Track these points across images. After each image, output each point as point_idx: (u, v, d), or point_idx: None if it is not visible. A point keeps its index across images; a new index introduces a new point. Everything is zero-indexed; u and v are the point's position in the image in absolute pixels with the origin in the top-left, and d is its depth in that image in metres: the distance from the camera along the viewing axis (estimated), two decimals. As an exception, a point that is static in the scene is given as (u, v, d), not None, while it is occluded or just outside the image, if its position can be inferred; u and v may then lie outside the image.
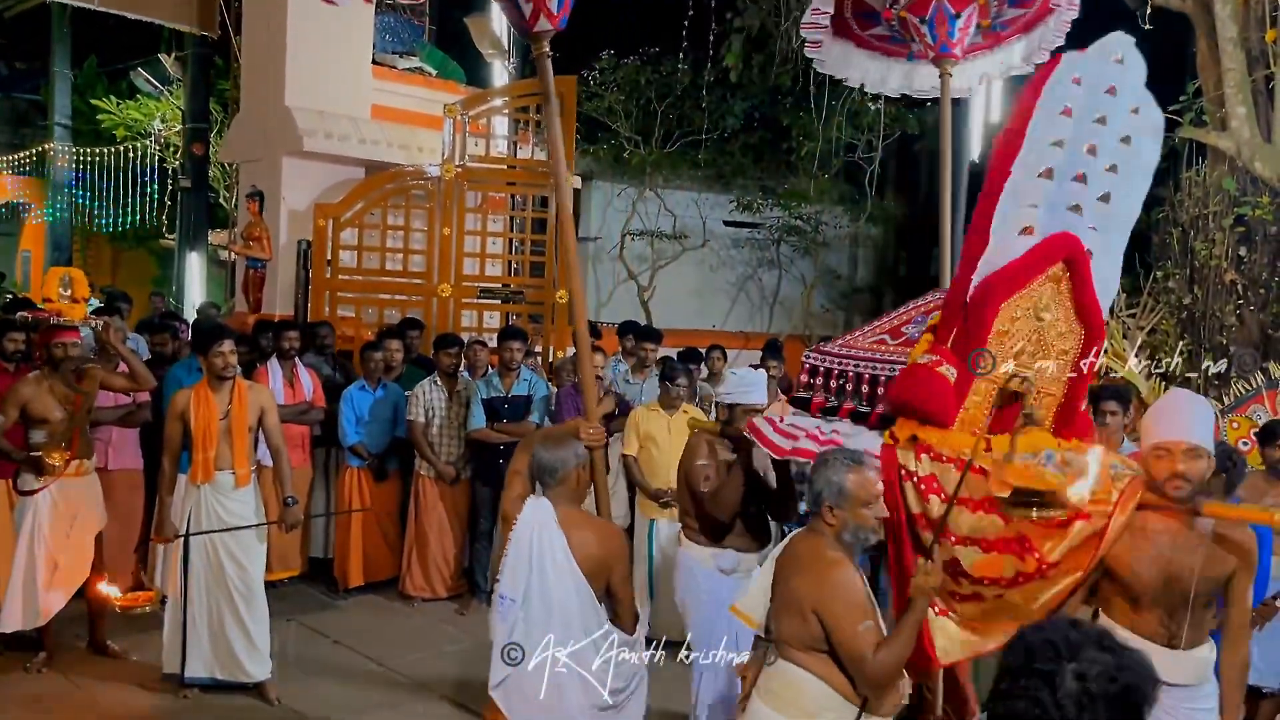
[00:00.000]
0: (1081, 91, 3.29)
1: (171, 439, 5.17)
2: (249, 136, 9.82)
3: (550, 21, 4.04)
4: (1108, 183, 3.37)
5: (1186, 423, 3.04)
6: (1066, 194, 3.34)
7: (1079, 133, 3.30)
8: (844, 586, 2.89)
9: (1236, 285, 8.42)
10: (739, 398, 4.42)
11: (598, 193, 14.96)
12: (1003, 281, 3.30)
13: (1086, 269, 3.35)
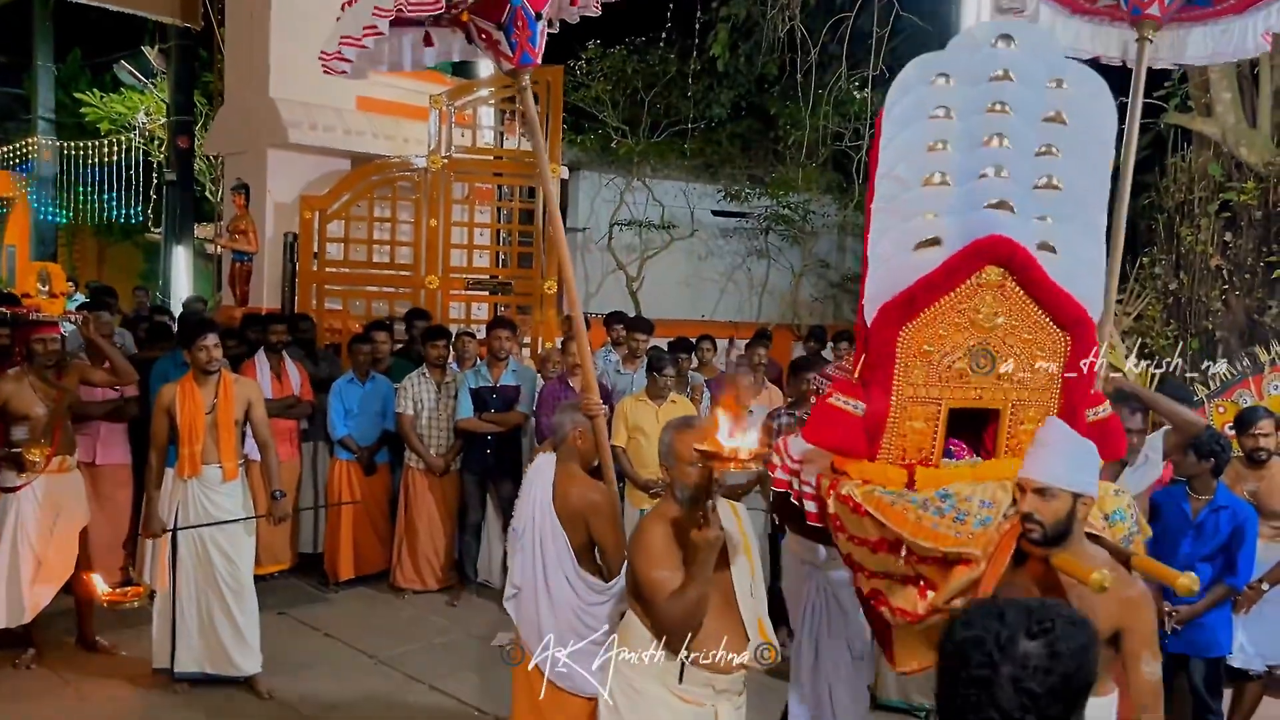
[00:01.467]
0: (955, 87, 3.11)
1: (158, 433, 5.15)
2: (233, 129, 9.76)
3: (532, 56, 3.97)
4: (1045, 167, 3.11)
5: (1044, 459, 2.83)
6: (979, 193, 3.09)
7: (970, 128, 3.10)
8: (645, 536, 3.03)
9: (1222, 270, 8.45)
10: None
11: (585, 183, 14.94)
12: (902, 304, 3.08)
13: (1033, 267, 3.06)
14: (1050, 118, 3.10)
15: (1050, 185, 3.11)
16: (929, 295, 3.07)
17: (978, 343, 3.11)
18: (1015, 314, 3.11)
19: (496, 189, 9.71)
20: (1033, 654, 1.55)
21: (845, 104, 13.67)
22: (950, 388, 3.13)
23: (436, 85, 10.03)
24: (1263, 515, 4.88)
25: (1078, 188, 3.13)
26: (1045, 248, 3.10)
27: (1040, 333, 3.13)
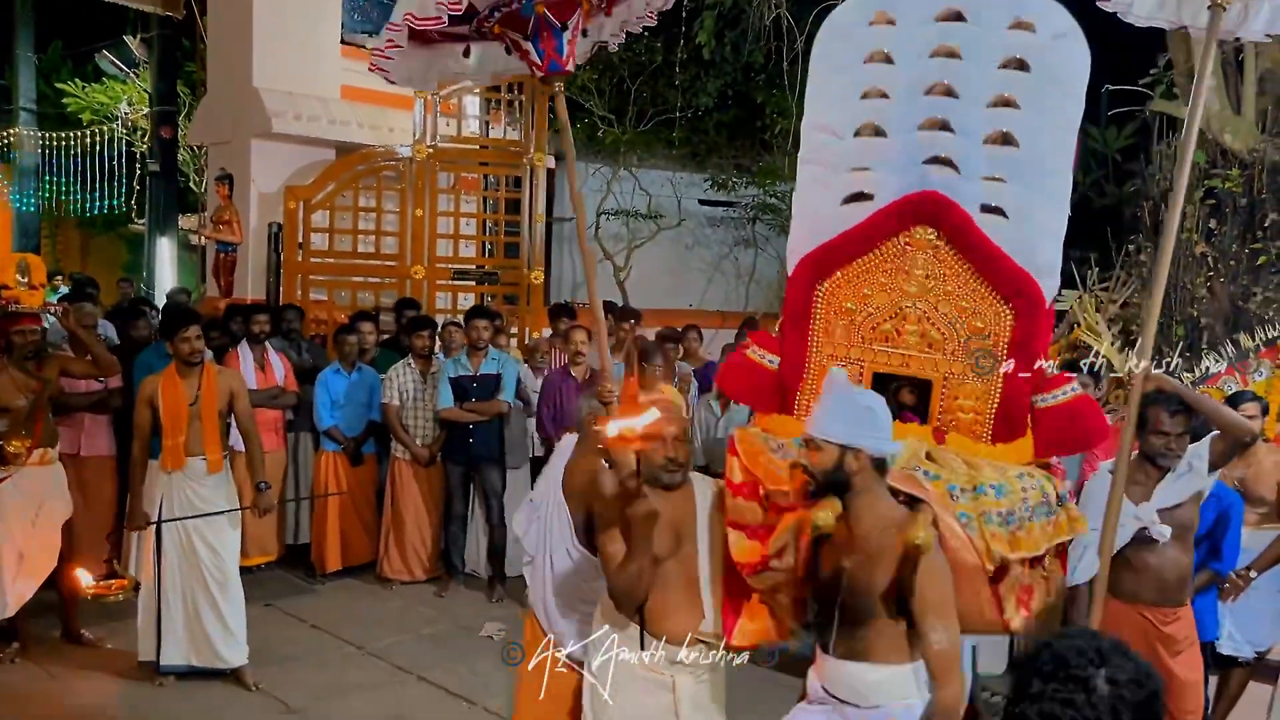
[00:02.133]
0: (898, 31, 2.85)
1: (141, 425, 5.11)
2: (217, 118, 9.69)
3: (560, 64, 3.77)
4: (1000, 120, 2.83)
5: (816, 413, 2.71)
6: (917, 146, 2.87)
7: (916, 75, 2.85)
8: (605, 510, 3.02)
9: (1207, 258, 8.47)
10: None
11: (572, 172, 14.87)
12: (818, 257, 2.94)
13: (969, 231, 2.84)
14: (1008, 63, 2.81)
15: (1005, 141, 2.84)
16: (849, 251, 2.94)
17: (908, 306, 2.93)
18: (950, 280, 2.89)
19: (482, 179, 9.67)
20: (1128, 668, 1.67)
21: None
22: (874, 350, 2.97)
23: (421, 74, 9.97)
24: (1249, 501, 4.89)
25: (1038, 146, 2.83)
26: (993, 211, 2.87)
27: (979, 302, 2.89)
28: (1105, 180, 14.86)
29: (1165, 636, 3.92)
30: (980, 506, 2.72)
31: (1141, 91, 9.29)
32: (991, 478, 2.78)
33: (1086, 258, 9.89)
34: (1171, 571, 3.92)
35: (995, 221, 2.87)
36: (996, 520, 2.71)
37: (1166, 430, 3.81)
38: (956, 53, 2.83)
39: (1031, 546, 2.76)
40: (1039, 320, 2.89)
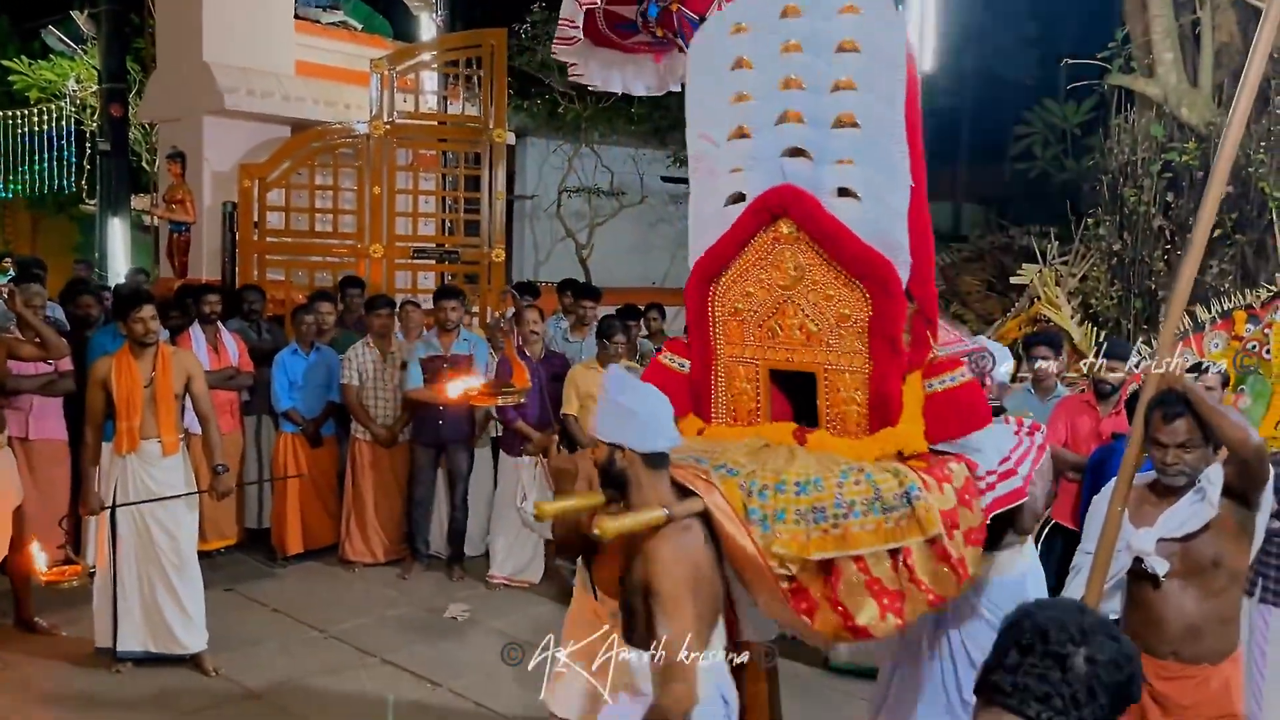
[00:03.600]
0: (753, 36, 2.97)
1: (93, 408, 5.01)
2: (167, 95, 9.49)
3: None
4: (843, 104, 2.86)
5: (596, 411, 2.75)
6: (776, 141, 2.94)
7: (769, 75, 2.94)
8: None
9: (1165, 231, 8.55)
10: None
11: (533, 149, 14.77)
12: (705, 261, 3.03)
13: (817, 217, 2.87)
14: (843, 47, 2.86)
15: (848, 123, 2.87)
16: (728, 252, 3.02)
17: (785, 301, 2.97)
18: (814, 269, 2.92)
19: (441, 155, 9.54)
20: (1109, 649, 1.64)
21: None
22: (765, 348, 3.03)
23: (377, 49, 9.83)
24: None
25: (874, 123, 2.86)
26: (847, 194, 2.89)
27: (841, 288, 2.89)
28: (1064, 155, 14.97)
29: (1158, 694, 3.23)
30: (777, 503, 2.66)
31: (1099, 65, 9.33)
32: (802, 474, 2.72)
33: (1046, 232, 9.96)
34: (1176, 619, 3.21)
35: (849, 204, 2.89)
36: (795, 517, 2.64)
37: (1163, 441, 3.21)
38: (799, 47, 2.92)
39: (852, 545, 2.62)
40: (893, 301, 2.84)
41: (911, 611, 2.68)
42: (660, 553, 2.55)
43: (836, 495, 2.64)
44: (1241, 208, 8.15)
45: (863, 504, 2.63)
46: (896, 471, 2.72)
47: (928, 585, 2.67)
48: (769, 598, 2.72)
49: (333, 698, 4.97)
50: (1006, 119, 16.55)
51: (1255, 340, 7.18)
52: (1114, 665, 1.63)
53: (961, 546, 2.71)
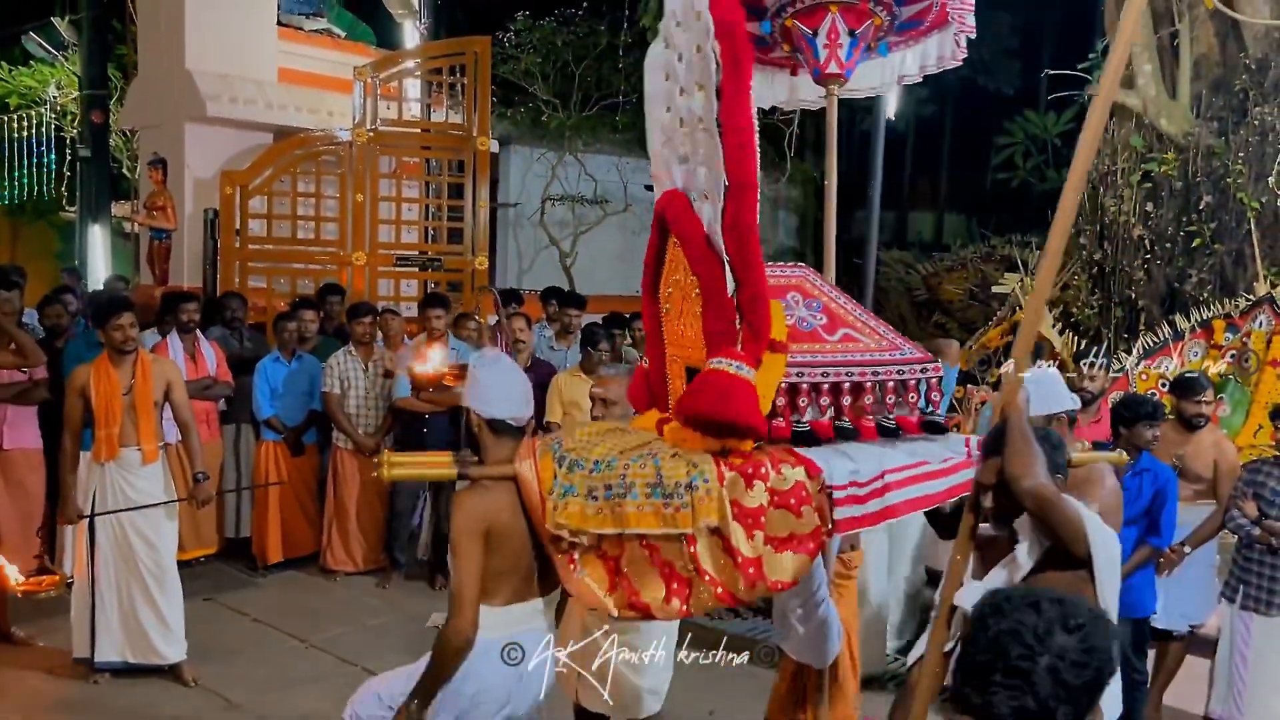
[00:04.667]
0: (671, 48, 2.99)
1: (72, 416, 4.96)
2: (148, 101, 9.44)
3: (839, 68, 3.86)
4: (696, 105, 2.86)
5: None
6: (671, 146, 3.00)
7: (676, 84, 2.97)
8: None
9: (1144, 240, 8.62)
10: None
11: (516, 157, 14.76)
12: (646, 267, 3.18)
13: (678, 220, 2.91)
14: (699, 48, 2.86)
15: (698, 125, 2.87)
16: (649, 256, 3.15)
17: (684, 302, 3.03)
18: (687, 271, 2.95)
19: (424, 163, 9.53)
20: (1070, 648, 1.60)
21: (776, 77, 13.66)
22: (677, 346, 3.11)
23: (361, 57, 9.81)
24: (1185, 478, 4.98)
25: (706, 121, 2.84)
26: (705, 196, 2.87)
27: (695, 290, 2.91)
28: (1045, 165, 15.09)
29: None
30: (574, 478, 2.81)
31: (1080, 76, 9.41)
32: (604, 454, 2.83)
33: (1027, 241, 10.04)
34: None
35: (704, 206, 2.88)
36: (584, 492, 2.78)
37: (981, 481, 2.82)
38: (679, 52, 2.95)
39: (628, 524, 2.71)
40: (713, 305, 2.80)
41: (697, 602, 2.72)
42: (457, 506, 2.92)
43: (622, 476, 2.75)
44: (1220, 217, 8.22)
45: (643, 487, 2.71)
46: (696, 462, 2.72)
47: (713, 577, 2.70)
48: (558, 563, 2.86)
49: (314, 708, 4.92)
50: (988, 130, 16.69)
51: (1234, 349, 7.24)
52: (1077, 666, 1.60)
53: (760, 547, 2.67)
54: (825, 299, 3.12)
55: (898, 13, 3.99)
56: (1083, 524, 2.56)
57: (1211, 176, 8.31)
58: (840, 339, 3.02)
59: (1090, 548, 2.57)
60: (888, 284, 12.91)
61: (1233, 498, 4.72)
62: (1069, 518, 2.58)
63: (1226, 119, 8.39)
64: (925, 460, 2.86)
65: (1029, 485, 2.54)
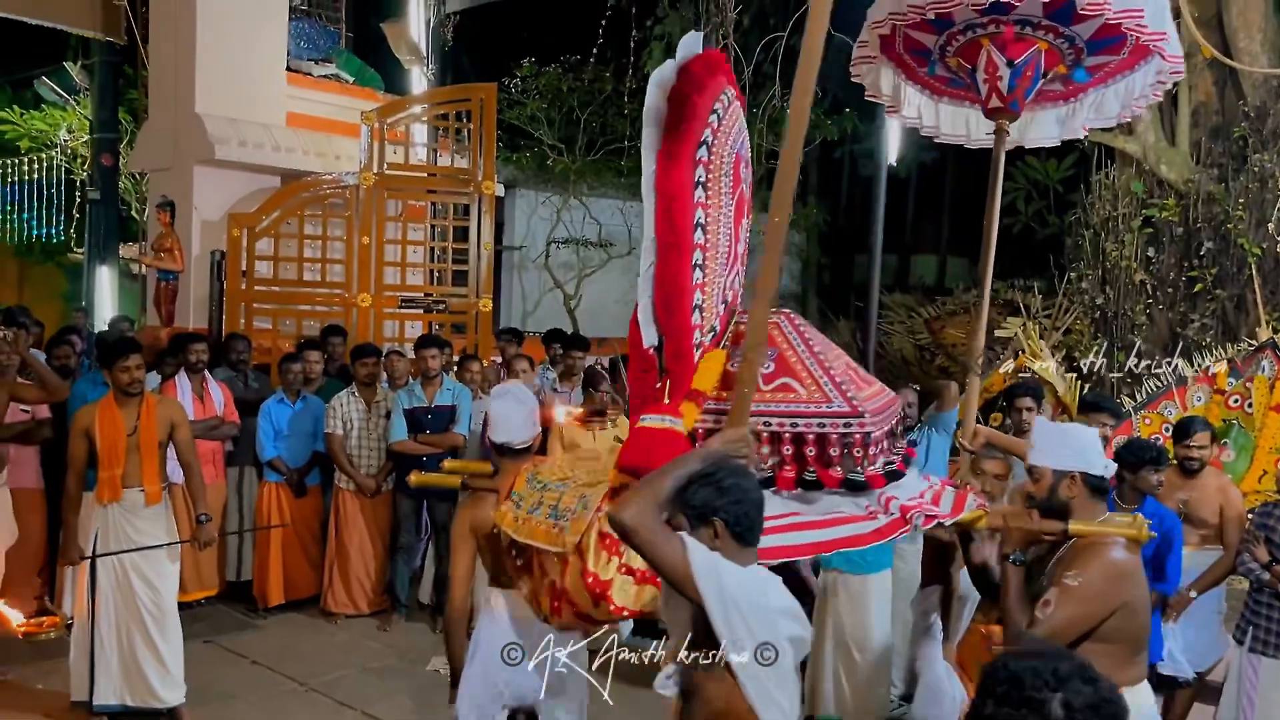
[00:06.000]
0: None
1: (76, 457, 4.96)
2: (158, 145, 9.54)
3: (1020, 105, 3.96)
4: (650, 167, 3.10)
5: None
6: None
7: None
8: None
9: (1146, 285, 8.66)
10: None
11: (521, 201, 14.87)
12: None
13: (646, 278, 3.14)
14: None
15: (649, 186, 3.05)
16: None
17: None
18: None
19: (430, 206, 9.60)
20: (1084, 693, 1.63)
21: (779, 123, 13.80)
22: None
23: (368, 101, 9.92)
24: (1191, 523, 4.97)
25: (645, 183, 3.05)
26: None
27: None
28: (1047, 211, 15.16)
29: None
30: (522, 492, 3.32)
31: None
32: (554, 479, 3.31)
33: (1029, 286, 10.07)
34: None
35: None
36: (522, 505, 3.27)
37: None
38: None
39: (527, 536, 3.17)
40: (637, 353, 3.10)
41: (568, 614, 3.08)
42: (457, 512, 3.67)
43: (541, 496, 3.21)
44: (1221, 263, 8.26)
45: (547, 508, 3.16)
46: (587, 493, 3.09)
47: (571, 596, 3.03)
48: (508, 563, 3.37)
49: (312, 753, 4.89)
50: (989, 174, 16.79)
51: (1237, 394, 7.24)
52: (1091, 709, 1.61)
53: (614, 572, 2.92)
54: (784, 347, 3.11)
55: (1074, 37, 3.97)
56: (687, 566, 2.39)
57: (1212, 222, 8.37)
58: (775, 389, 3.02)
59: (700, 590, 2.39)
60: (890, 327, 12.94)
61: (1244, 542, 4.70)
62: (665, 559, 2.42)
63: (1226, 165, 8.47)
64: (796, 512, 2.89)
65: (619, 518, 2.42)
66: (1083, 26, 3.94)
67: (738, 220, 3.31)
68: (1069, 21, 3.92)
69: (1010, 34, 3.93)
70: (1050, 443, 3.20)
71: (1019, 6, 3.85)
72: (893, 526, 2.88)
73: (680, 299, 2.94)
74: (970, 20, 4.00)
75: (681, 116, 2.87)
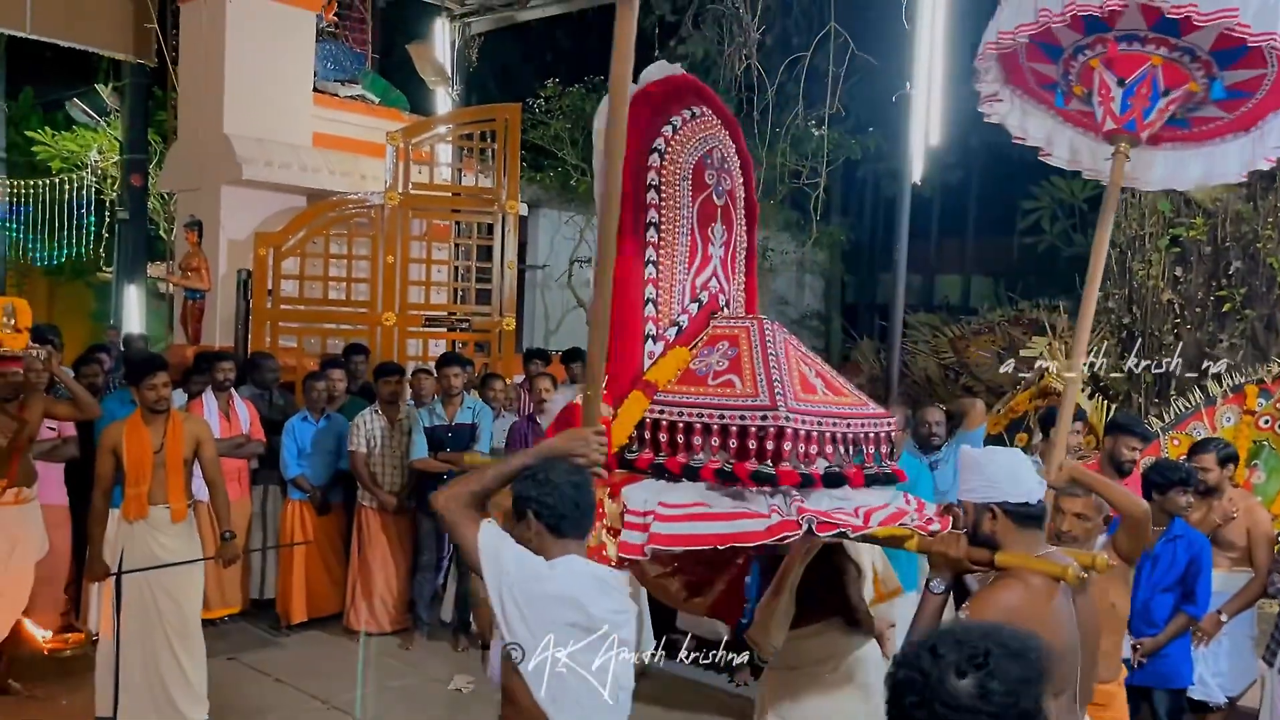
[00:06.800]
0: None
1: (103, 474, 4.99)
2: (187, 165, 9.65)
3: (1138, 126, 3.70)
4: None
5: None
6: None
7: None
8: None
9: (1173, 304, 8.58)
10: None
11: (545, 220, 14.93)
12: None
13: None
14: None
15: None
16: None
17: None
18: None
19: (454, 225, 9.66)
20: (962, 692, 1.52)
21: (802, 142, 13.80)
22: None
23: (394, 122, 10.00)
24: (1220, 546, 4.90)
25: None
26: None
27: None
28: (1073, 229, 15.07)
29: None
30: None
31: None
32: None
33: (1055, 305, 10.00)
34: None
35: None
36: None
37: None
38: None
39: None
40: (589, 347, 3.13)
41: None
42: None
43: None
44: (1250, 282, 8.18)
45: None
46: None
47: None
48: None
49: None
50: (1014, 194, 16.71)
51: (1268, 415, 7.14)
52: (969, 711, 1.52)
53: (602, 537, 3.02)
54: (744, 348, 3.17)
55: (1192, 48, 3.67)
56: (476, 552, 2.56)
57: (1240, 241, 8.29)
58: (720, 384, 3.11)
59: (483, 571, 2.56)
60: (914, 347, 12.87)
61: (1275, 563, 4.64)
62: (463, 541, 2.63)
63: (1254, 184, 8.38)
64: (703, 502, 2.97)
65: (434, 501, 2.71)
66: (1198, 36, 3.60)
67: (705, 223, 3.40)
68: (1178, 32, 3.60)
69: (1114, 51, 3.66)
70: (965, 474, 2.98)
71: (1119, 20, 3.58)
72: (782, 527, 2.85)
73: (623, 293, 3.10)
74: (1077, 43, 3.77)
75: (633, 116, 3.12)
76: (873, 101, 12.98)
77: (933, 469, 5.66)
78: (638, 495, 2.98)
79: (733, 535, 2.89)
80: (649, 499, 2.97)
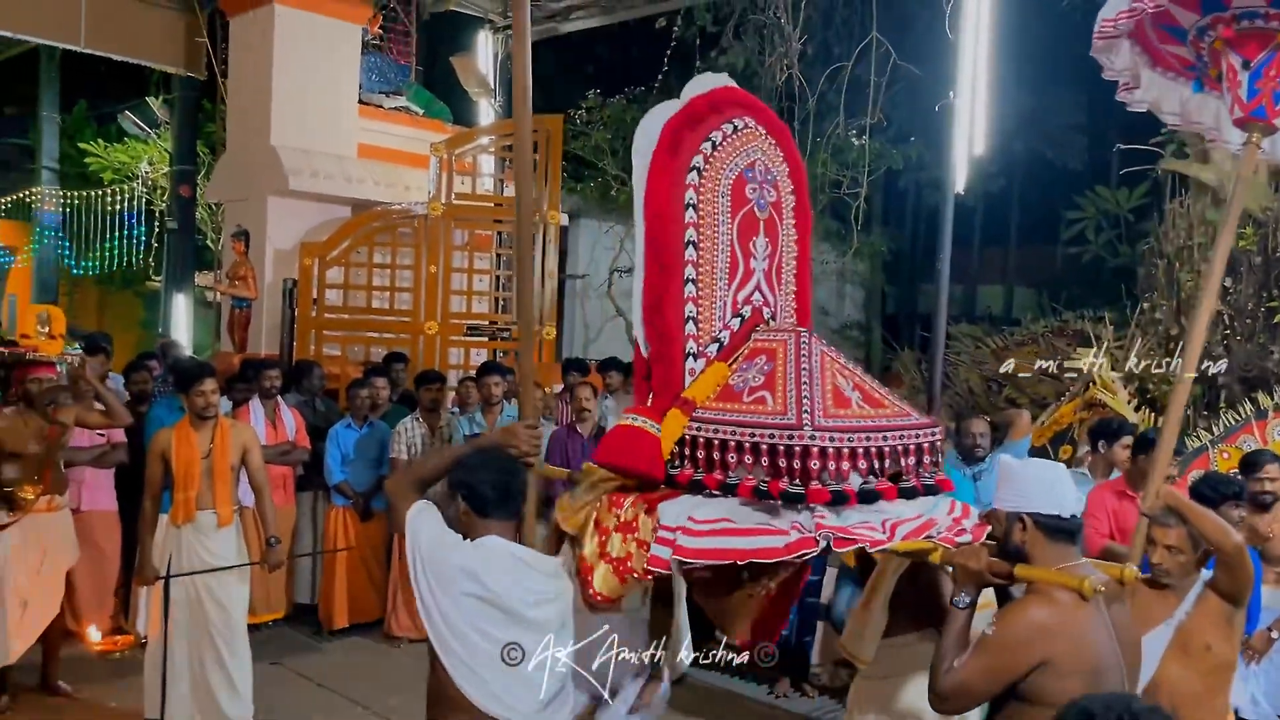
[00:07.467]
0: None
1: (153, 479, 5.09)
2: (235, 176, 9.82)
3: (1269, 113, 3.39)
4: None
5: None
6: None
7: None
8: None
9: (1223, 316, 8.44)
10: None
11: (585, 230, 14.99)
12: None
13: None
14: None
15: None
16: None
17: None
18: None
19: (496, 235, 9.74)
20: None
21: (844, 152, 13.76)
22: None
23: (437, 133, 10.11)
24: (1269, 561, 4.81)
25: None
26: None
27: None
28: (1118, 240, 14.88)
29: None
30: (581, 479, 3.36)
31: (1153, 150, 9.33)
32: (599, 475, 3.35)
33: (1101, 317, 9.88)
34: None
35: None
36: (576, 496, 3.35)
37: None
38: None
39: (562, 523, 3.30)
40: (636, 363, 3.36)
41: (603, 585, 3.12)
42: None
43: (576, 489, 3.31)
44: (1301, 292, 8.03)
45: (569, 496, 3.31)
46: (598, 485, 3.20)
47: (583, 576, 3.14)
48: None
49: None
50: (1058, 204, 16.54)
51: (1320, 428, 7.01)
52: None
53: (595, 561, 3.09)
54: (780, 362, 3.15)
55: None
56: (402, 525, 2.90)
57: (1291, 250, 8.15)
58: (753, 400, 3.10)
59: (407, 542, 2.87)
60: (956, 358, 12.77)
61: None
62: (396, 518, 2.95)
63: (1306, 193, 8.25)
64: (727, 518, 2.95)
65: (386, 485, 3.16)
66: None
67: (745, 238, 3.40)
68: None
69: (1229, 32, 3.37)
70: (1000, 482, 2.96)
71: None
72: (800, 544, 2.81)
73: (665, 311, 3.18)
74: (1197, 24, 3.49)
75: (667, 138, 3.24)
76: (914, 111, 12.92)
77: (975, 480, 5.62)
78: (671, 510, 2.99)
79: (753, 551, 2.86)
80: (680, 513, 2.98)
